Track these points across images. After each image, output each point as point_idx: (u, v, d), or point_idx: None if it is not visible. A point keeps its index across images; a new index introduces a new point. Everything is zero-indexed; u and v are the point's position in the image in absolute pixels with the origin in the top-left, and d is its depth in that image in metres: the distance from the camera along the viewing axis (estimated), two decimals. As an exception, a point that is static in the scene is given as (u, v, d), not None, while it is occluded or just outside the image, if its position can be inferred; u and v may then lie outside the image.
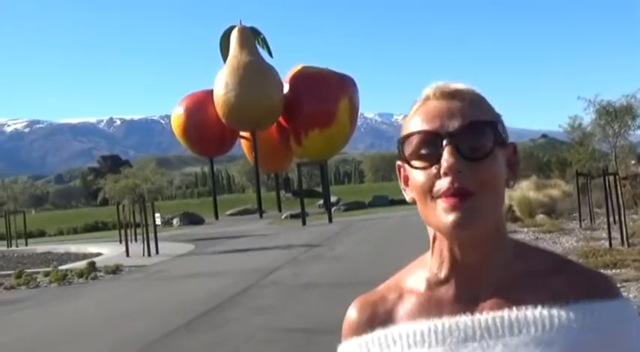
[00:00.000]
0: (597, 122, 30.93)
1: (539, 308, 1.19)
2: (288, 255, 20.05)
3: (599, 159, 32.64)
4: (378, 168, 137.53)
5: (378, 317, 1.32)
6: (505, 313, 1.20)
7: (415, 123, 1.25)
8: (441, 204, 1.18)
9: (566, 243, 16.88)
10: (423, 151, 1.21)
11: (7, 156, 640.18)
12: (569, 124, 34.43)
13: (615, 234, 15.32)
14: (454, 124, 1.20)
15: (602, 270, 11.62)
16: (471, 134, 1.20)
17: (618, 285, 8.56)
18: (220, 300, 12.67)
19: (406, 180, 1.29)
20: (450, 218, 1.17)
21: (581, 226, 19.98)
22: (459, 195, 1.17)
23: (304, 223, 35.43)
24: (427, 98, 1.27)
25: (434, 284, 1.29)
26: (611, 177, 16.55)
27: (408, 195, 1.29)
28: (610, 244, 15.00)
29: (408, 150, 1.23)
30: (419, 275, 1.33)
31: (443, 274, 1.28)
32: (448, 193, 1.17)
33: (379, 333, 1.29)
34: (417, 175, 1.22)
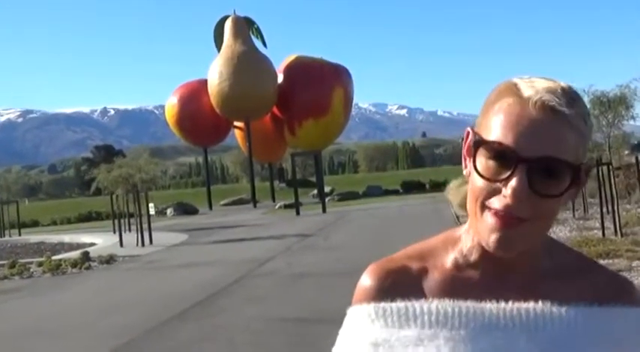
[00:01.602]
0: (591, 112, 30.90)
1: (565, 306, 1.18)
2: (282, 244, 20.05)
3: (592, 149, 32.61)
4: (372, 158, 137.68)
5: (400, 287, 1.26)
6: (531, 306, 1.19)
7: (501, 122, 1.14)
8: (490, 218, 1.14)
9: (560, 232, 16.90)
10: (494, 161, 1.13)
11: (1, 146, 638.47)
12: (563, 114, 34.43)
13: (608, 223, 15.36)
14: (538, 150, 1.11)
15: (595, 260, 11.66)
16: (549, 169, 1.12)
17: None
18: (214, 290, 12.67)
19: (469, 150, 1.21)
20: (493, 237, 1.14)
21: (574, 216, 20.02)
22: (510, 219, 1.12)
23: (298, 213, 35.43)
24: (527, 100, 1.14)
25: (462, 266, 1.26)
26: (605, 167, 16.57)
27: (466, 168, 1.23)
28: (603, 234, 15.04)
29: (481, 152, 1.15)
30: (447, 252, 1.29)
31: (473, 257, 1.25)
32: (500, 214, 1.12)
33: (400, 305, 1.24)
34: (477, 179, 1.16)
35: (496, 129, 1.14)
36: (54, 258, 20.37)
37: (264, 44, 50.97)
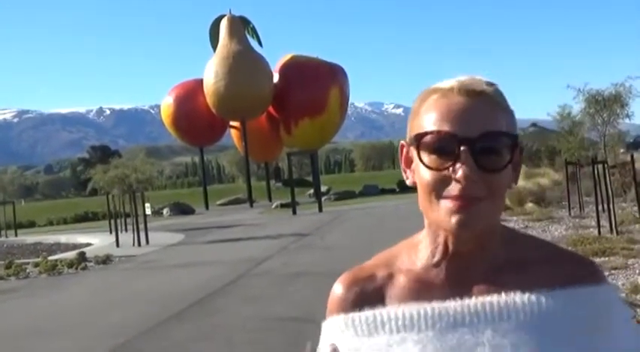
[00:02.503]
0: (586, 111, 30.97)
1: (527, 294, 1.20)
2: (279, 244, 20.05)
3: (588, 147, 32.67)
4: (369, 158, 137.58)
5: (367, 296, 1.31)
6: (494, 298, 1.21)
7: (433, 117, 1.21)
8: (447, 204, 1.18)
9: (556, 231, 16.94)
10: (438, 151, 1.19)
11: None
12: (558, 113, 34.49)
13: (604, 222, 15.39)
14: (474, 129, 1.17)
15: (591, 258, 11.67)
16: (490, 144, 1.18)
17: (607, 273, 8.56)
18: (211, 290, 12.68)
19: (407, 161, 1.28)
20: (454, 219, 1.17)
21: (570, 214, 20.05)
22: (467, 200, 1.17)
23: (294, 212, 35.41)
24: (450, 90, 1.22)
25: (425, 268, 1.29)
26: (600, 166, 16.61)
27: (409, 178, 1.28)
28: (599, 232, 15.06)
29: (423, 145, 1.20)
30: (410, 255, 1.32)
31: (435, 259, 1.28)
32: (457, 198, 1.17)
33: (368, 313, 1.28)
34: (426, 172, 1.20)
35: (429, 124, 1.21)
36: (50, 258, 20.35)
37: (260, 43, 50.96)
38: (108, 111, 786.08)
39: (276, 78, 48.15)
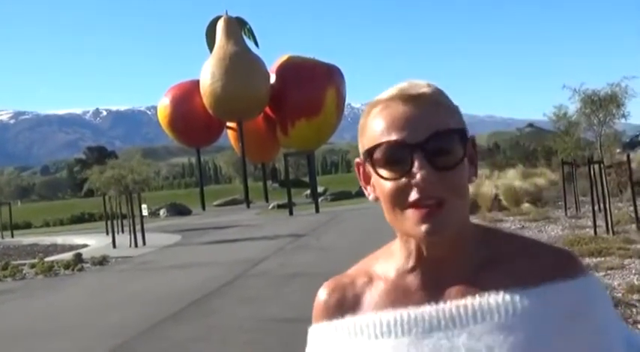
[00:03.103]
0: (582, 111, 30.96)
1: (502, 293, 1.20)
2: (275, 245, 20.05)
3: (584, 147, 32.65)
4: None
5: (347, 303, 1.33)
6: (469, 301, 1.21)
7: (380, 127, 1.21)
8: (412, 213, 1.18)
9: (552, 231, 16.94)
10: (391, 161, 1.19)
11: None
12: (554, 113, 34.47)
13: (600, 222, 15.39)
14: (422, 133, 1.18)
15: (587, 258, 11.72)
16: (440, 143, 1.18)
17: (603, 273, 8.57)
18: (207, 291, 12.67)
19: (366, 178, 1.29)
20: (422, 228, 1.18)
21: (566, 214, 20.06)
22: (431, 206, 1.17)
23: (291, 213, 35.41)
24: (391, 99, 1.23)
25: (401, 273, 1.30)
26: (597, 166, 16.60)
27: (371, 194, 1.29)
28: (595, 232, 15.07)
29: (376, 159, 1.21)
30: (388, 262, 1.33)
31: (410, 264, 1.29)
32: (420, 205, 1.17)
33: (348, 321, 1.30)
34: (385, 185, 1.21)
35: (378, 136, 1.21)
36: (47, 259, 20.36)
37: (257, 44, 50.98)
38: (104, 113, 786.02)
39: (272, 79, 48.15)
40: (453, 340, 1.19)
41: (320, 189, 48.96)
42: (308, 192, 50.69)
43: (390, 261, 1.33)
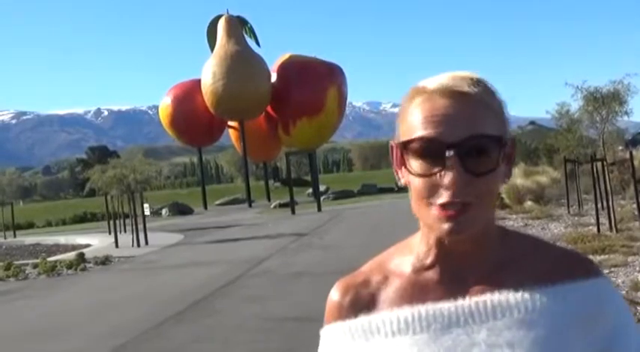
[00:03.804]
0: (585, 108, 31.00)
1: (520, 291, 1.20)
2: (278, 244, 20.05)
3: (586, 145, 32.68)
4: (367, 157, 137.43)
5: (362, 302, 1.31)
6: (488, 297, 1.21)
7: (418, 120, 1.18)
8: (437, 211, 1.17)
9: (555, 229, 16.93)
10: (424, 157, 1.17)
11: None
12: (556, 111, 34.51)
13: (603, 219, 15.37)
14: (460, 133, 1.15)
15: (590, 256, 11.66)
16: (476, 147, 1.15)
17: (606, 271, 8.56)
18: (210, 290, 12.67)
19: (399, 162, 1.25)
20: (445, 226, 1.16)
21: (569, 212, 20.05)
22: (456, 208, 1.15)
23: (293, 212, 35.41)
24: (434, 92, 1.19)
25: (419, 269, 1.28)
26: (599, 163, 16.59)
27: (402, 178, 1.26)
28: (598, 230, 15.05)
29: (410, 151, 1.19)
30: (404, 258, 1.32)
31: (429, 260, 1.27)
32: (446, 205, 1.15)
33: (363, 320, 1.28)
34: (415, 178, 1.19)
35: (415, 128, 1.19)
36: (49, 259, 20.35)
37: (258, 43, 50.95)
38: (106, 112, 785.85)
39: (274, 78, 48.11)
40: (472, 336, 1.18)
41: (322, 188, 48.98)
42: (310, 190, 50.73)
43: (407, 257, 1.31)
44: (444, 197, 1.15)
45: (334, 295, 1.36)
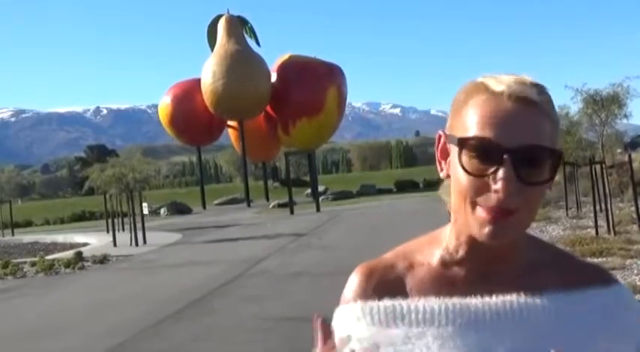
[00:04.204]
0: (584, 111, 31.02)
1: (546, 295, 1.21)
2: (277, 244, 20.05)
3: (585, 148, 32.67)
4: (366, 157, 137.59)
5: (387, 286, 1.29)
6: (515, 298, 1.21)
7: (478, 119, 1.17)
8: (481, 213, 1.16)
9: (553, 231, 16.94)
10: (479, 157, 1.15)
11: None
12: (556, 113, 34.53)
13: (602, 222, 15.39)
14: (519, 140, 1.13)
15: (588, 259, 11.68)
16: (533, 157, 1.14)
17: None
18: (208, 290, 12.67)
19: (444, 153, 1.25)
20: (486, 230, 1.15)
21: (567, 215, 20.06)
22: (501, 213, 1.15)
23: (292, 212, 35.42)
24: (500, 94, 1.17)
25: (448, 262, 1.28)
26: (598, 166, 16.61)
27: (443, 170, 1.26)
28: (597, 232, 15.06)
29: (465, 148, 1.17)
30: (432, 250, 1.31)
31: (459, 255, 1.26)
32: (492, 209, 1.15)
33: (387, 303, 1.26)
34: (464, 176, 1.17)
35: (473, 126, 1.17)
36: (47, 257, 20.34)
37: (258, 43, 50.95)
38: (105, 111, 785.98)
39: (273, 78, 48.12)
40: (497, 335, 1.18)
41: (321, 188, 48.99)
42: (309, 191, 50.73)
43: (435, 249, 1.30)
44: (492, 200, 1.14)
45: (356, 277, 1.33)
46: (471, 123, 1.18)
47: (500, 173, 1.13)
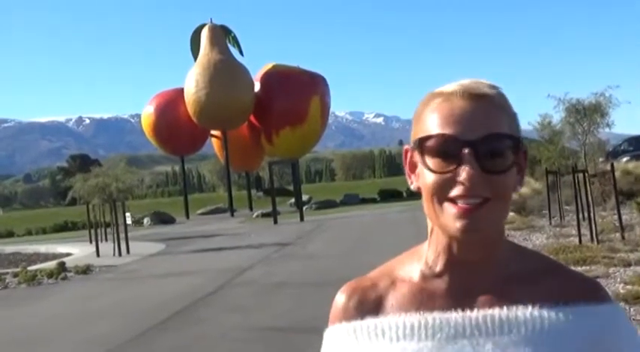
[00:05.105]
0: (567, 120, 31.26)
1: (529, 308, 1.20)
2: (261, 253, 20.00)
3: (568, 156, 32.91)
4: (349, 167, 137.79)
5: (368, 304, 1.31)
6: (496, 312, 1.21)
7: (436, 120, 1.21)
8: (452, 209, 1.18)
9: (537, 240, 16.99)
10: (441, 154, 1.19)
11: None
12: (539, 122, 34.77)
13: (585, 230, 15.44)
14: (477, 132, 1.17)
15: (572, 267, 11.74)
16: (493, 146, 1.18)
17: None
18: (192, 300, 12.61)
19: (412, 166, 1.28)
20: (458, 224, 1.17)
21: (551, 223, 20.13)
22: (471, 203, 1.16)
23: (276, 222, 35.36)
24: (452, 94, 1.22)
25: (428, 277, 1.29)
26: (581, 175, 16.68)
27: (414, 183, 1.28)
28: (580, 241, 15.11)
29: (426, 148, 1.21)
30: (413, 265, 1.32)
31: (438, 268, 1.27)
32: (461, 201, 1.17)
33: (369, 322, 1.28)
34: (429, 176, 1.20)
35: (432, 127, 1.21)
36: (30, 268, 20.20)
37: (241, 53, 50.93)
38: (87, 121, 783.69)
39: (257, 87, 48.11)
40: (477, 348, 1.18)
41: (304, 198, 48.96)
42: (292, 200, 50.68)
43: (416, 264, 1.32)
44: (459, 192, 1.16)
45: (341, 297, 1.36)
46: (431, 125, 1.22)
47: (463, 165, 1.16)
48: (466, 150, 1.16)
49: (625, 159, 36.75)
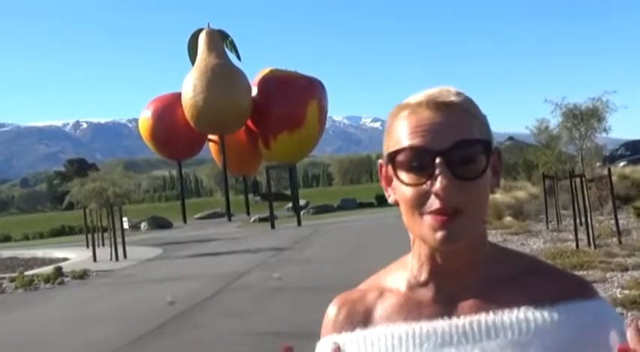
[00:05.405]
0: (564, 125, 31.28)
1: (515, 311, 1.20)
2: (258, 258, 19.98)
3: (565, 161, 32.91)
4: (347, 171, 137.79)
5: (357, 316, 1.31)
6: (482, 317, 1.21)
7: (405, 132, 1.21)
8: (430, 220, 1.17)
9: (534, 244, 17.00)
10: (413, 167, 1.18)
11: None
12: (536, 127, 34.76)
13: (582, 235, 15.45)
14: (447, 140, 1.17)
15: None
16: (464, 152, 1.17)
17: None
18: (189, 305, 12.60)
19: (388, 180, 1.28)
20: (438, 235, 1.17)
21: (548, 228, 20.14)
22: (449, 214, 1.16)
23: (273, 226, 35.35)
24: (419, 105, 1.22)
25: (414, 286, 1.29)
26: (578, 179, 16.69)
27: (391, 196, 1.28)
28: (577, 245, 15.13)
29: (398, 162, 1.20)
30: (400, 275, 1.32)
31: (422, 277, 1.28)
32: (438, 212, 1.16)
33: (358, 334, 1.29)
34: (405, 189, 1.20)
35: (402, 140, 1.21)
36: (26, 273, 20.18)
37: (239, 57, 50.91)
38: (85, 125, 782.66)
39: (254, 92, 48.10)
40: None
41: (302, 202, 48.94)
42: (290, 205, 50.66)
43: (402, 274, 1.32)
44: (435, 203, 1.16)
45: (331, 310, 1.37)
46: (401, 137, 1.22)
47: (436, 176, 1.16)
48: (438, 160, 1.16)
49: (622, 163, 36.84)
